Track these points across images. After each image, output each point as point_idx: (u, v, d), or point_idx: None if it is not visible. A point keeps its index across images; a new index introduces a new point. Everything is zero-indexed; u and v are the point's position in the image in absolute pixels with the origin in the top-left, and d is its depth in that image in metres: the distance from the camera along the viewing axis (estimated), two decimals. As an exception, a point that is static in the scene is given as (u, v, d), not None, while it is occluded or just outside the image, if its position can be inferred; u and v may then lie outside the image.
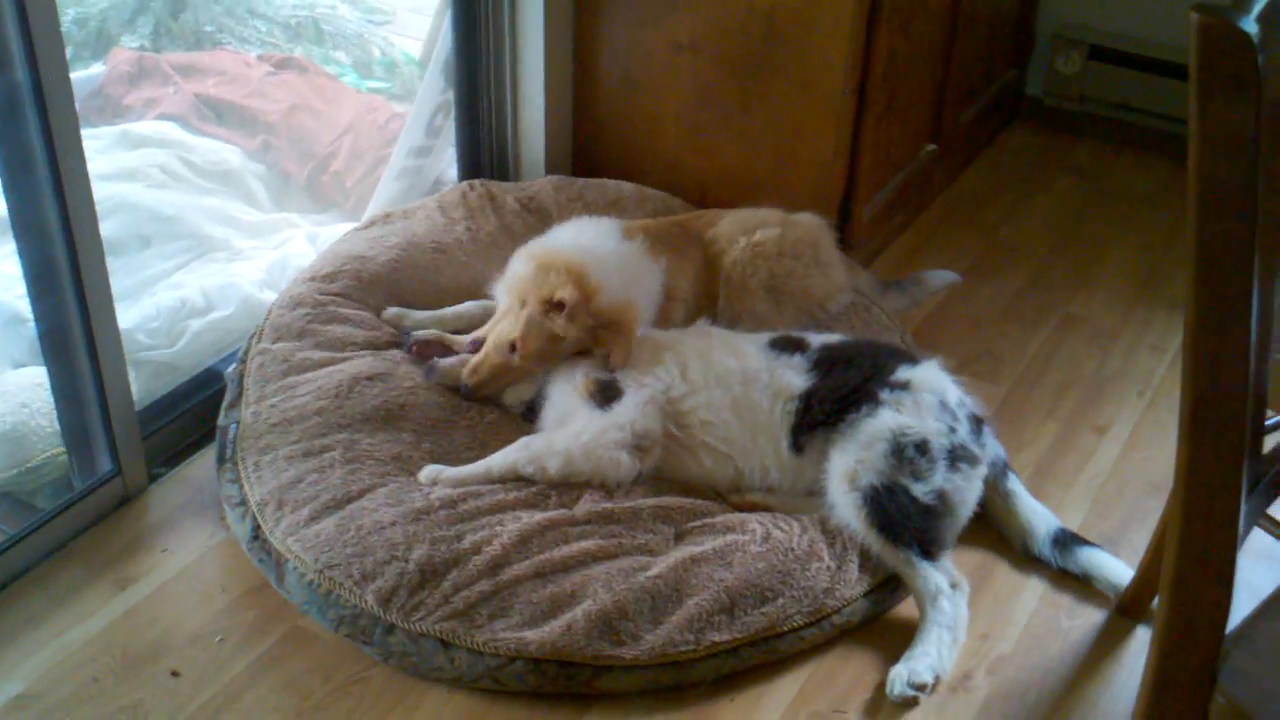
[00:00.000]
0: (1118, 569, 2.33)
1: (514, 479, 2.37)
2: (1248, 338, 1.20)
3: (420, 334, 2.67)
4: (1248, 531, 1.51)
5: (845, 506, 2.26)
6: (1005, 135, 4.16)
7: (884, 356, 2.46)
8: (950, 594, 2.20)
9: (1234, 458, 1.25)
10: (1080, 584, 2.37)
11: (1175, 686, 1.39)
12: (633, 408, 2.39)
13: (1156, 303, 3.31)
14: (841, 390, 2.36)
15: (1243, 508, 1.28)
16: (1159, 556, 2.22)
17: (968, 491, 2.32)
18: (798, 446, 2.38)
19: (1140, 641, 2.26)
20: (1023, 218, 3.70)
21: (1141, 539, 2.45)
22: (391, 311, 2.78)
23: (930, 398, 2.34)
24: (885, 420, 2.29)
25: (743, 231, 2.87)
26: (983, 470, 2.36)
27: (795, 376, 2.42)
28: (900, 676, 2.12)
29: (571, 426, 2.40)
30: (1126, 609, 2.31)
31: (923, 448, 2.26)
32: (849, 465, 2.27)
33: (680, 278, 2.77)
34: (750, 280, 2.80)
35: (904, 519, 2.21)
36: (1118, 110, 4.07)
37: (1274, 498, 1.60)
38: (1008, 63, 4.06)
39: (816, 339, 2.52)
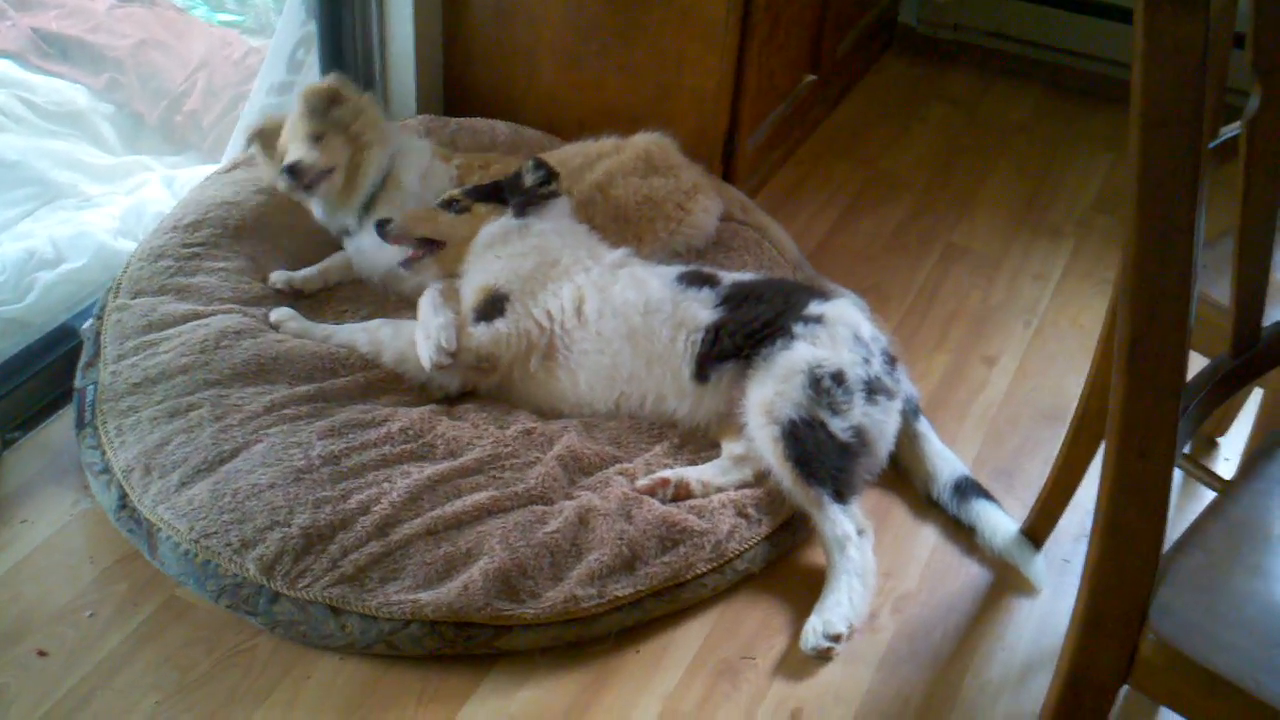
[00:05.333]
0: (1002, 528, 2.27)
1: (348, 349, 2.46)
2: (1190, 267, 1.15)
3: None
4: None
5: (763, 440, 2.22)
6: (880, 65, 4.12)
7: (796, 293, 2.44)
8: (858, 541, 2.17)
9: (1172, 393, 1.21)
10: (980, 518, 2.36)
11: (1107, 625, 1.37)
12: (490, 335, 2.39)
13: (1037, 231, 3.32)
14: (754, 323, 2.34)
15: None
16: (1058, 488, 2.22)
17: (885, 426, 2.30)
18: (702, 376, 2.36)
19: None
20: (901, 148, 3.68)
21: (1036, 468, 2.47)
22: (276, 277, 2.65)
23: (844, 330, 2.33)
24: (801, 353, 2.27)
25: (575, 173, 2.82)
26: (898, 404, 2.34)
27: (701, 310, 2.39)
28: (814, 629, 2.08)
29: (428, 326, 2.41)
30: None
31: (839, 378, 2.24)
32: (767, 397, 2.24)
33: None
34: (594, 220, 2.71)
35: (821, 456, 2.18)
36: (991, 38, 4.06)
37: (1193, 432, 1.59)
38: (882, -10, 4.02)
39: (728, 276, 2.50)
